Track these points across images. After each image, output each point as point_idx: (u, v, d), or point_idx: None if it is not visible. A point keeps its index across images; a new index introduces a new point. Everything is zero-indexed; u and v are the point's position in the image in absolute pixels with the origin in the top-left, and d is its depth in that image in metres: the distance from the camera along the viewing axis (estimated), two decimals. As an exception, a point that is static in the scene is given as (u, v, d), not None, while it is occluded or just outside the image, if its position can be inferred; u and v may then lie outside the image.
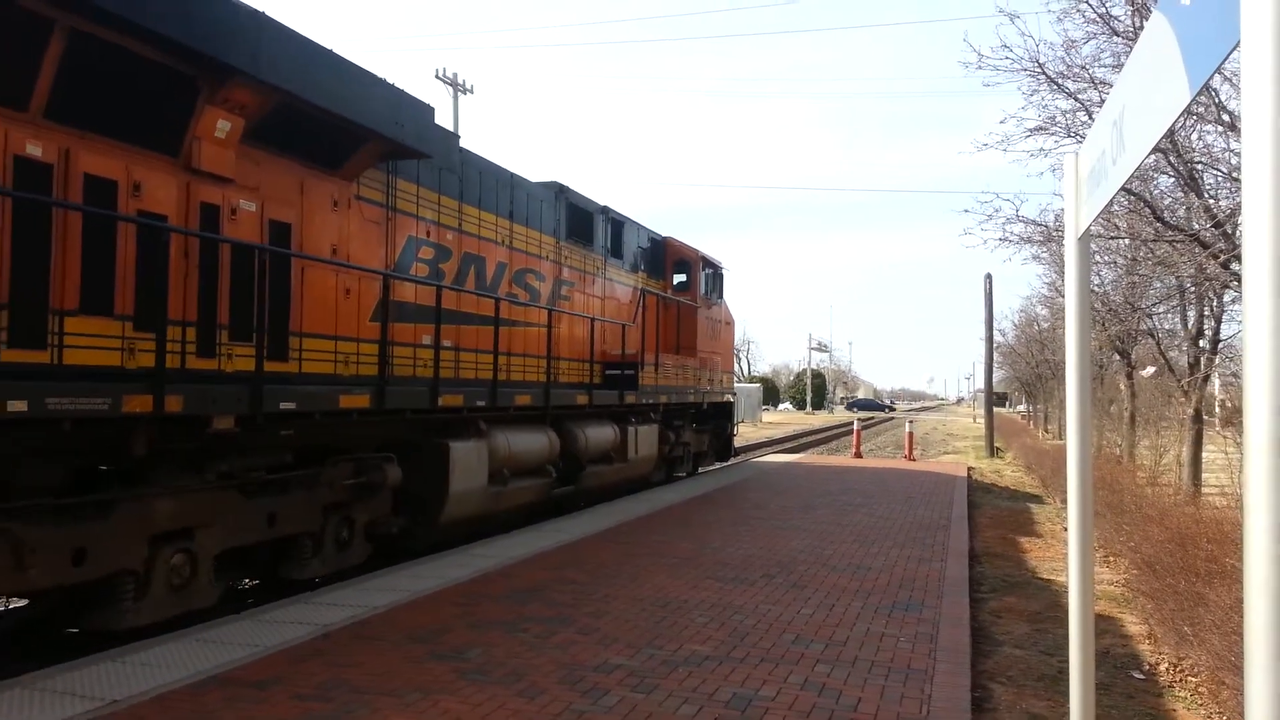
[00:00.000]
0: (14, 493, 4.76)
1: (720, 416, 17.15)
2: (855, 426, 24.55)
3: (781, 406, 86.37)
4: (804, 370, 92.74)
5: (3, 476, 4.75)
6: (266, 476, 6.36)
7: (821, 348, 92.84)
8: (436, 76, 30.06)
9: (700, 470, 16.48)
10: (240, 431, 5.75)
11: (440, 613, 5.68)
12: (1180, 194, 8.54)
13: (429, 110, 7.81)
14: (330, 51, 6.54)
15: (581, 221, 11.96)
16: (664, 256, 14.96)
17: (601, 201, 12.74)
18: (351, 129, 6.90)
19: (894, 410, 46.54)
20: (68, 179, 5.11)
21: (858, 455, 21.92)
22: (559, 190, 11.45)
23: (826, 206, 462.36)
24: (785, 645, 5.17)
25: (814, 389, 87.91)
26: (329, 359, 7.07)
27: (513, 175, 10.25)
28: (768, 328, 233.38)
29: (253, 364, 5.95)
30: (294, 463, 6.67)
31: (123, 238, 5.37)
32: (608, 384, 11.94)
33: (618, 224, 13.12)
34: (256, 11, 5.86)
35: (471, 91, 30.70)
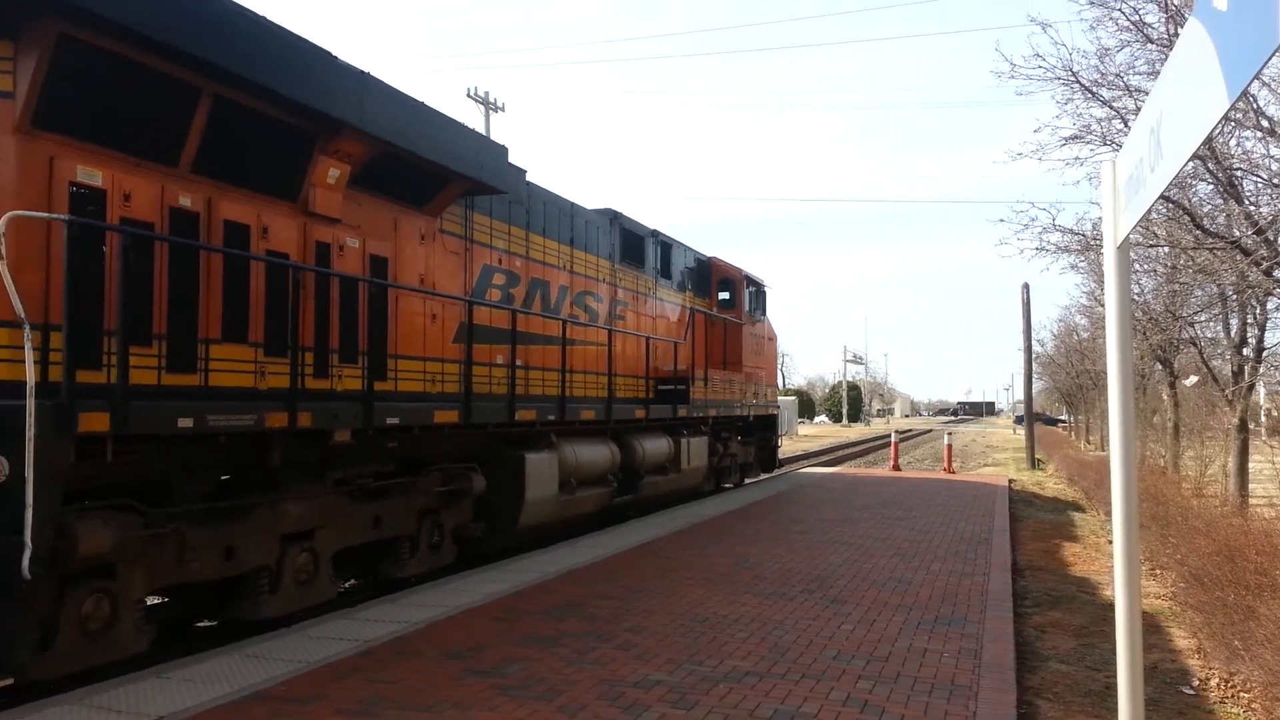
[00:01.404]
0: (175, 499, 5.50)
1: (765, 429, 17.68)
2: (893, 439, 24.79)
3: (818, 419, 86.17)
4: (839, 383, 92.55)
5: (168, 484, 5.50)
6: (372, 484, 7.08)
7: (857, 360, 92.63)
8: (468, 95, 30.73)
9: (747, 481, 16.98)
10: (354, 443, 6.46)
11: (479, 628, 5.72)
12: (1220, 200, 8.54)
13: (504, 151, 8.54)
14: (422, 104, 7.29)
15: (633, 245, 12.66)
16: (710, 276, 15.59)
17: (650, 225, 13.44)
18: (439, 171, 7.64)
19: (1063, 423, 43.07)
20: (210, 225, 5.87)
21: (895, 468, 22.20)
22: (613, 217, 12.17)
23: (860, 218, 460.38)
24: (826, 661, 5.09)
25: (850, 401, 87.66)
26: (419, 378, 7.79)
27: (572, 204, 10.99)
28: (802, 340, 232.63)
29: (358, 383, 6.69)
30: (393, 472, 7.39)
31: (254, 275, 6.12)
32: (661, 399, 12.57)
33: (666, 246, 13.79)
34: (362, 72, 6.62)
35: (503, 110, 31.41)
